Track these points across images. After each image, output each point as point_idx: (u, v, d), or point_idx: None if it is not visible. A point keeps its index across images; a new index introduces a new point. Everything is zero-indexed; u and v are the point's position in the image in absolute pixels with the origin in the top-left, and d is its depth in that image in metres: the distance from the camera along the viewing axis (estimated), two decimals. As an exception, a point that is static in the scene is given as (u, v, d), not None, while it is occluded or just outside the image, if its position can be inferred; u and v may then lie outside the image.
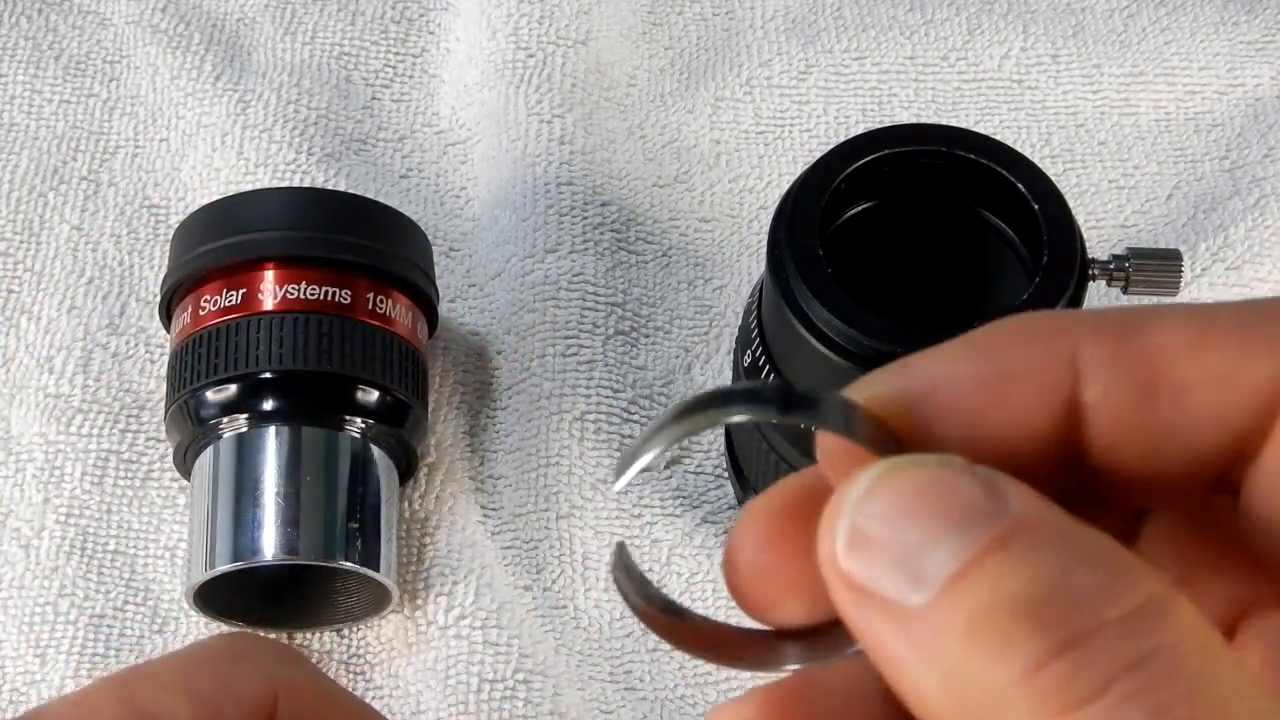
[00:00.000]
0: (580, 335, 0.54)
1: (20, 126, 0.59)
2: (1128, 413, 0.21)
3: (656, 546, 0.51)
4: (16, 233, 0.57)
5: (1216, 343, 0.21)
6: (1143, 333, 0.21)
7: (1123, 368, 0.21)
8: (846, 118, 0.60)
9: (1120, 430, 0.21)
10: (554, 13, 0.60)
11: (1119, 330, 0.22)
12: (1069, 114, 0.60)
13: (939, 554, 0.20)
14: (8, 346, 0.54)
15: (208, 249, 0.49)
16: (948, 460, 0.21)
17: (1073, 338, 0.22)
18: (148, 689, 0.28)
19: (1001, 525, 0.20)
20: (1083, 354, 0.21)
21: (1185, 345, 0.21)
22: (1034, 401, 0.22)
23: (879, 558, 0.20)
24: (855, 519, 0.20)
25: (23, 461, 0.52)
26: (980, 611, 0.19)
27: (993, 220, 0.44)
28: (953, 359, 0.22)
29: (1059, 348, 0.22)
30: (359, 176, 0.58)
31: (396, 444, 0.50)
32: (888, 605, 0.20)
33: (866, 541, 0.20)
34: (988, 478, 0.20)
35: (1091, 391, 0.21)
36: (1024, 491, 0.20)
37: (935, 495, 0.20)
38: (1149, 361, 0.21)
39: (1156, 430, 0.21)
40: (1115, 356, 0.21)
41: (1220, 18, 0.61)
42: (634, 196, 0.58)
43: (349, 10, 0.62)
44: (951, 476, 0.20)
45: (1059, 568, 0.19)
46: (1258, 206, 0.56)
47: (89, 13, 0.62)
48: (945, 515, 0.20)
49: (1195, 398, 0.21)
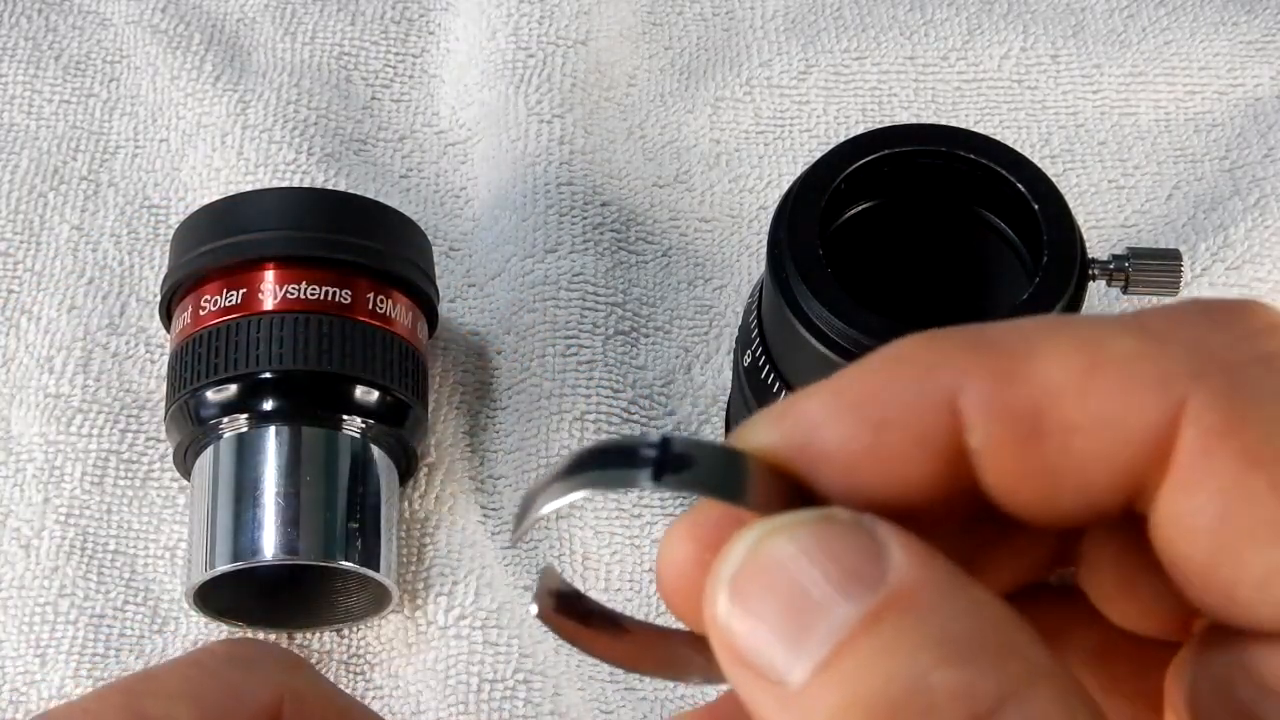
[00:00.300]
0: (580, 335, 0.54)
1: (20, 126, 0.59)
2: (1012, 458, 0.20)
3: (656, 546, 0.51)
4: (17, 233, 0.57)
5: (1103, 381, 0.20)
6: (1025, 369, 0.20)
7: (1004, 410, 0.20)
8: (846, 118, 0.60)
9: (1007, 473, 0.21)
10: (554, 13, 0.61)
11: (1000, 364, 0.20)
12: (1069, 114, 0.60)
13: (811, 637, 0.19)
14: (8, 346, 0.54)
15: (208, 249, 0.49)
16: (828, 516, 0.20)
17: (951, 376, 0.20)
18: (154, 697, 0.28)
19: (876, 598, 0.19)
20: (962, 394, 0.20)
21: (1070, 384, 0.20)
22: (913, 450, 0.21)
23: (757, 629, 0.20)
24: (734, 586, 0.20)
25: (23, 461, 0.52)
26: (841, 707, 0.19)
27: (993, 220, 0.44)
28: (825, 404, 0.21)
29: (935, 389, 0.20)
30: (359, 176, 0.58)
31: (396, 444, 0.50)
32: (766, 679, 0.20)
33: (745, 611, 0.20)
34: (870, 535, 0.20)
35: (973, 437, 0.20)
36: (907, 549, 0.20)
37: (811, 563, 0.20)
38: (1032, 402, 0.20)
39: (1045, 474, 0.20)
40: (996, 397, 0.20)
41: (1220, 18, 0.61)
42: (634, 196, 0.58)
43: (349, 10, 0.62)
44: (831, 537, 0.20)
45: (923, 662, 0.19)
46: (1258, 206, 0.56)
47: (89, 13, 0.62)
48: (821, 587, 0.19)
49: (1081, 441, 0.20)
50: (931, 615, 0.19)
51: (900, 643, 0.19)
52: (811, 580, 0.19)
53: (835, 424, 0.21)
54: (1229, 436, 0.19)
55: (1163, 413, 0.20)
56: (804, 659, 0.19)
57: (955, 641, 0.19)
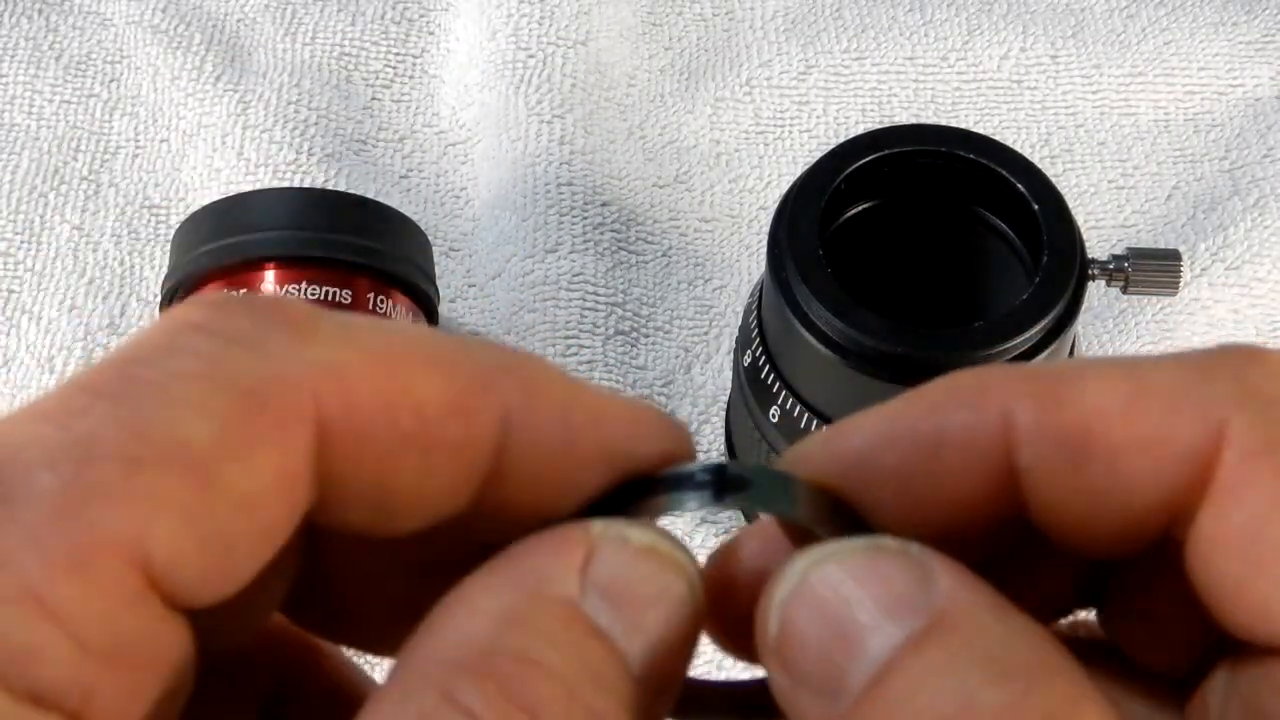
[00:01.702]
0: (580, 335, 0.54)
1: (21, 127, 0.59)
2: (1061, 476, 0.21)
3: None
4: (17, 233, 0.57)
5: (1147, 406, 0.21)
6: (1075, 394, 0.21)
7: (1054, 431, 0.21)
8: (846, 118, 0.60)
9: (1056, 493, 0.21)
10: (554, 13, 0.61)
11: (1051, 391, 0.21)
12: (1069, 114, 0.60)
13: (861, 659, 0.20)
14: (8, 346, 0.54)
15: (208, 249, 0.49)
16: (876, 544, 0.21)
17: (1004, 399, 0.21)
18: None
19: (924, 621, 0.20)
20: (1015, 416, 0.21)
21: (1117, 408, 0.21)
22: (967, 467, 0.21)
23: (808, 654, 0.20)
24: (785, 611, 0.21)
25: (23, 461, 0.52)
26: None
27: (993, 220, 0.44)
28: (882, 425, 0.22)
29: (990, 411, 0.21)
30: (359, 176, 0.58)
31: (397, 444, 0.49)
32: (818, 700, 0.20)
33: (797, 636, 0.20)
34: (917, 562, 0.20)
35: (1024, 456, 0.21)
36: (953, 575, 0.20)
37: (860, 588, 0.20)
38: (1081, 424, 0.21)
39: (1091, 494, 0.21)
40: (1047, 419, 0.21)
41: (1220, 18, 0.61)
42: (634, 196, 0.58)
43: (349, 10, 0.62)
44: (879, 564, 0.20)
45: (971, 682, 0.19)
46: (1257, 206, 0.56)
47: (89, 13, 0.62)
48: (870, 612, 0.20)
49: (1127, 462, 0.21)
50: (978, 637, 0.20)
51: (949, 663, 0.19)
52: (861, 605, 0.20)
53: (891, 446, 0.22)
54: (1268, 457, 0.20)
55: (1205, 435, 0.20)
56: (855, 679, 0.20)
57: (1002, 662, 0.19)
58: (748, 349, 0.45)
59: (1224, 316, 0.54)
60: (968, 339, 0.40)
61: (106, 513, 0.18)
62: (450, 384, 0.21)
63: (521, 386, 0.21)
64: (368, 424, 0.20)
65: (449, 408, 0.20)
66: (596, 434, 0.21)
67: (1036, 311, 0.41)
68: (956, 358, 0.40)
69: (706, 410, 0.53)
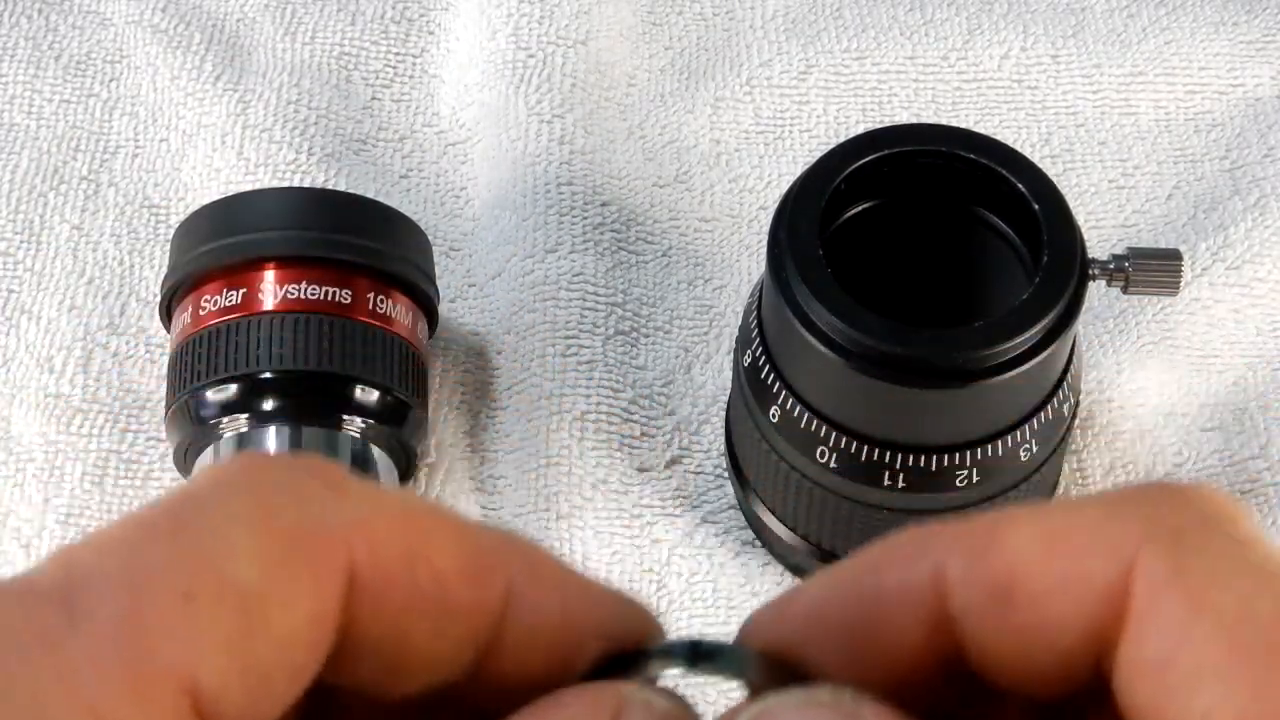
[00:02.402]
0: (580, 335, 0.54)
1: (20, 126, 0.59)
2: (991, 621, 0.23)
3: (656, 546, 0.51)
4: (17, 233, 0.57)
5: (1063, 548, 0.22)
6: (998, 543, 0.22)
7: (981, 580, 0.22)
8: (846, 118, 0.60)
9: (987, 637, 0.23)
10: (554, 13, 0.61)
11: (978, 542, 0.23)
12: (1069, 114, 0.60)
13: None
14: (8, 346, 0.54)
15: (208, 249, 0.49)
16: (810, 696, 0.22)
17: (937, 553, 0.23)
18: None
19: None
20: (946, 569, 0.23)
21: (1036, 553, 0.22)
22: (904, 618, 0.23)
23: None
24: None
25: (23, 461, 0.52)
26: None
27: (993, 220, 0.44)
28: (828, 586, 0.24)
29: (923, 565, 0.23)
30: (359, 176, 0.58)
31: (396, 444, 0.50)
32: None
33: None
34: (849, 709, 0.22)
35: (956, 604, 0.23)
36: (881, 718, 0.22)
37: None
38: (1006, 571, 0.22)
39: (1020, 635, 0.22)
40: (974, 569, 0.23)
41: (1220, 18, 0.61)
42: (634, 196, 0.58)
43: (349, 10, 0.62)
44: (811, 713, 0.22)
45: None
46: (1258, 206, 0.56)
47: (89, 13, 0.62)
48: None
49: (1049, 603, 0.22)
50: None
51: None
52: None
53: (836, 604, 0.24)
54: (1173, 586, 0.21)
55: (1117, 571, 0.22)
56: None
57: None
58: (748, 349, 0.45)
59: (1224, 316, 0.54)
60: (968, 339, 0.40)
61: (164, 643, 0.20)
62: (465, 550, 0.23)
63: (525, 562, 0.23)
64: (391, 578, 0.22)
65: (464, 572, 0.22)
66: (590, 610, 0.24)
67: (1036, 311, 0.41)
68: (956, 358, 0.40)
69: (706, 410, 0.53)
